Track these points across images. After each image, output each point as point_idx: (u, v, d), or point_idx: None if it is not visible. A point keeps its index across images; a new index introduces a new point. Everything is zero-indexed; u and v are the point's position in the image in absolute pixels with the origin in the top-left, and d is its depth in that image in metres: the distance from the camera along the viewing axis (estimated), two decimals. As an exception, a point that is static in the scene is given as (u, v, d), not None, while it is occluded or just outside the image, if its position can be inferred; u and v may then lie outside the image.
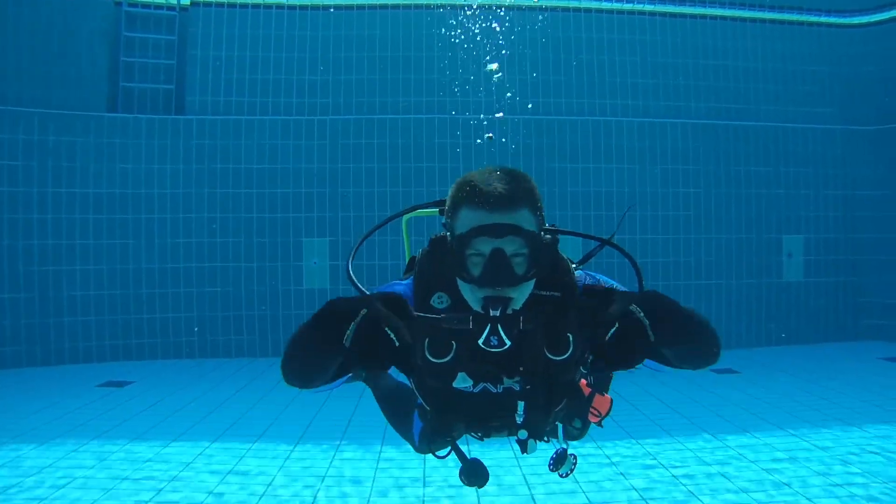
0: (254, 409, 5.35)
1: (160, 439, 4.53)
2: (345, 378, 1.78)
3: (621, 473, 3.92)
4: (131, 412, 5.24)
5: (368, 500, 3.55)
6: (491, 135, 7.66)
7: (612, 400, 2.45)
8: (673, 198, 7.97)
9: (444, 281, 1.69)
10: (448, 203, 1.70)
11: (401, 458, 4.16)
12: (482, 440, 2.00)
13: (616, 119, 7.96)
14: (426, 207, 2.30)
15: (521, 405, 1.76)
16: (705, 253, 8.03)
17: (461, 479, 1.90)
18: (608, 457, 4.16)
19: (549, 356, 1.71)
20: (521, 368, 1.75)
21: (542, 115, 7.94)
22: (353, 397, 5.27)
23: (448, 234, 1.62)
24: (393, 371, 1.97)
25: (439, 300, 1.70)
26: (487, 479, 1.90)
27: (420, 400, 1.92)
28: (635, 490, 3.67)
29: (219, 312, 7.55)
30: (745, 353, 7.64)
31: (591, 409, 2.02)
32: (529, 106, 7.94)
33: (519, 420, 1.78)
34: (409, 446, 2.25)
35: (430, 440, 1.92)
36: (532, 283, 1.61)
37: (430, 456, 2.41)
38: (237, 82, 7.76)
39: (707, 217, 8.05)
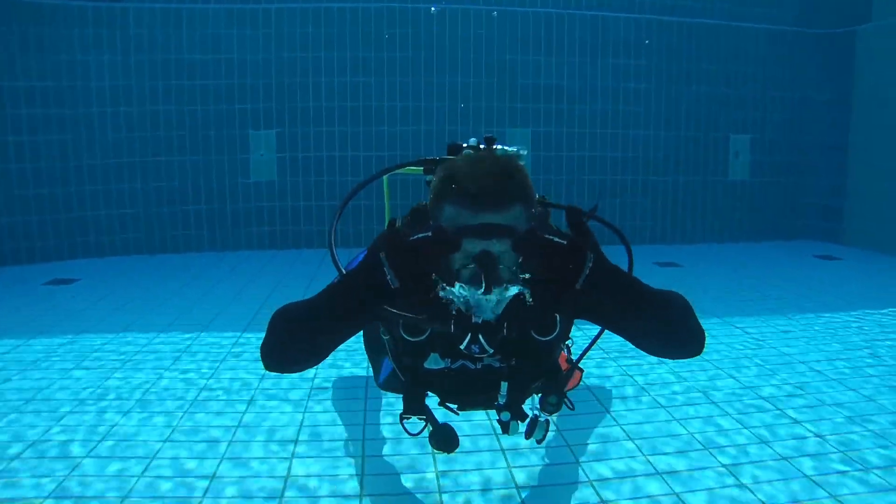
0: (201, 302, 5.37)
1: (107, 332, 4.52)
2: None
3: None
4: (77, 308, 5.20)
5: (312, 383, 3.65)
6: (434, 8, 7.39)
7: (582, 372, 2.46)
8: (623, 93, 7.96)
9: (421, 308, 1.60)
10: (431, 193, 1.61)
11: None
12: (458, 413, 2.00)
13: (568, 12, 7.79)
14: (410, 166, 2.18)
15: (504, 385, 1.75)
16: (654, 149, 8.12)
17: (430, 444, 1.87)
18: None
19: (535, 336, 1.70)
20: (502, 347, 1.69)
21: (494, 5, 7.71)
22: (304, 291, 5.33)
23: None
24: None
25: None
26: (458, 445, 1.87)
27: (393, 365, 1.90)
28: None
29: (165, 207, 7.42)
30: (688, 248, 7.93)
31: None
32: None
33: (501, 401, 1.76)
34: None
35: (404, 408, 1.88)
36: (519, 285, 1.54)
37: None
38: (175, -34, 7.32)
39: (657, 113, 8.09)
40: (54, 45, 6.94)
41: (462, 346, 1.51)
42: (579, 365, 2.06)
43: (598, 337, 1.98)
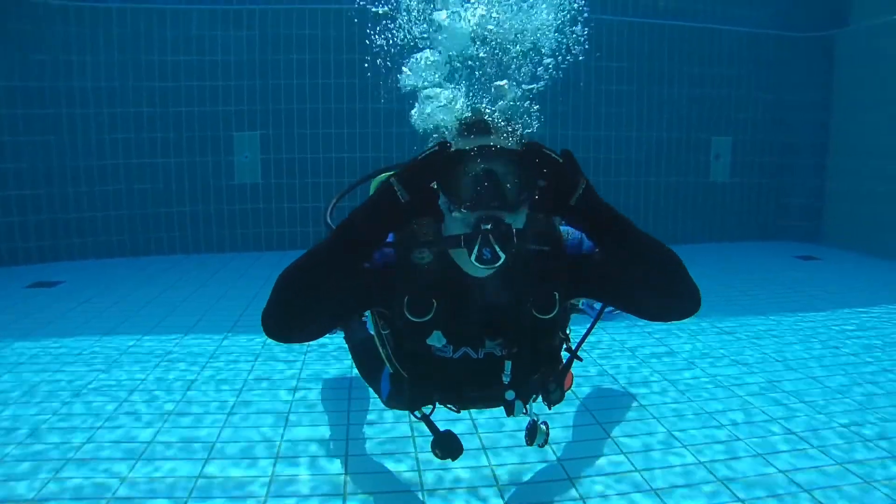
0: (185, 304, 5.37)
1: (92, 335, 4.51)
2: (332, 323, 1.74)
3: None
4: (61, 310, 5.17)
5: (298, 380, 3.67)
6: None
7: (572, 376, 2.49)
8: (606, 95, 8.02)
9: (427, 236, 1.67)
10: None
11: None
12: (458, 412, 2.00)
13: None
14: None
15: (507, 364, 1.76)
16: (635, 150, 8.19)
17: (434, 453, 1.88)
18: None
19: (536, 315, 1.70)
20: (504, 329, 1.72)
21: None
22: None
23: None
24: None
25: (421, 256, 1.68)
26: (462, 452, 1.87)
27: (390, 368, 1.90)
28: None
29: (149, 209, 7.39)
30: (670, 250, 7.99)
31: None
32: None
33: (506, 380, 1.77)
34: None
35: (410, 408, 1.89)
36: (524, 215, 1.59)
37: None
38: (159, -34, 7.29)
39: (639, 115, 8.16)
40: (37, 44, 6.88)
41: (473, 257, 1.51)
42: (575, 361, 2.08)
43: (597, 319, 2.02)
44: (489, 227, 1.50)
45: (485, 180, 1.52)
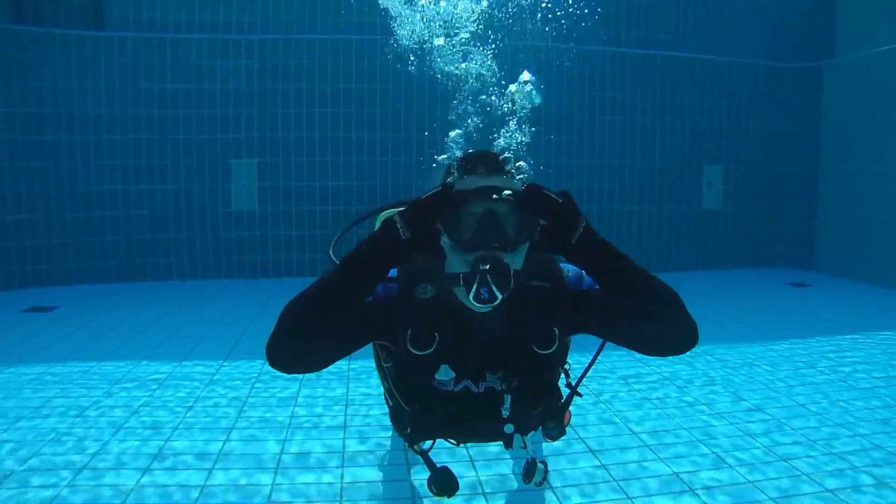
0: (180, 331, 5.37)
1: (87, 360, 4.52)
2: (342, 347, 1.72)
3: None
4: (57, 335, 5.18)
5: (294, 408, 3.68)
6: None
7: (570, 413, 2.53)
8: (600, 125, 8.13)
9: (429, 272, 1.69)
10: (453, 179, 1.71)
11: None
12: (458, 445, 2.02)
13: (546, 45, 7.96)
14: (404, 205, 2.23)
15: (507, 398, 1.76)
16: (629, 179, 8.28)
17: (430, 490, 1.88)
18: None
19: (536, 350, 1.72)
20: (505, 362, 1.73)
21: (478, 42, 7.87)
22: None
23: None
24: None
25: (424, 291, 1.70)
26: (458, 489, 1.89)
27: (392, 403, 1.91)
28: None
29: (147, 235, 7.42)
30: (662, 277, 7.94)
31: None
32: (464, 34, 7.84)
33: (505, 413, 1.77)
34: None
35: (410, 441, 1.89)
36: (523, 253, 1.60)
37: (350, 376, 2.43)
38: (160, -4, 7.41)
39: (632, 144, 8.26)
40: (38, 71, 6.97)
41: (471, 296, 1.53)
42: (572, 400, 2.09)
43: (596, 356, 2.04)
44: (487, 267, 1.52)
45: (485, 221, 1.56)
